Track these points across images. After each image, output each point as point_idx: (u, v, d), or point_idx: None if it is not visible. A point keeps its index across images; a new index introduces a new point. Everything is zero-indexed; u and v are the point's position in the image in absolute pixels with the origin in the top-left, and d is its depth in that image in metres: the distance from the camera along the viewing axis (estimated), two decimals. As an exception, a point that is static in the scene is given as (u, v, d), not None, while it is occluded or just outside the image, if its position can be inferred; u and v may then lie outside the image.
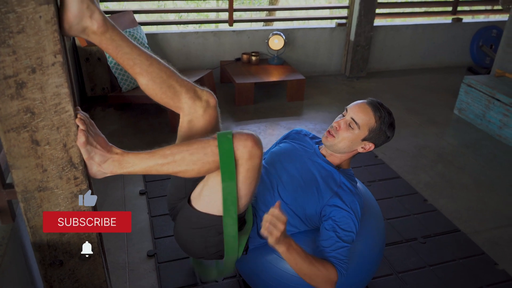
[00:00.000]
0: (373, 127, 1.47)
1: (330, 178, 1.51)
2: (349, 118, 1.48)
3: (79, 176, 1.26)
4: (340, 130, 1.49)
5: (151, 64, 1.29)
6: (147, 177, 2.53)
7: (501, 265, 1.99)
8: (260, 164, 1.27)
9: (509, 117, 3.08)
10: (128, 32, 3.24)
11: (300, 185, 1.51)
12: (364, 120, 1.47)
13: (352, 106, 1.51)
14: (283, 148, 1.66)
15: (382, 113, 1.47)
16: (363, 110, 1.48)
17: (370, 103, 1.49)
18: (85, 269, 1.43)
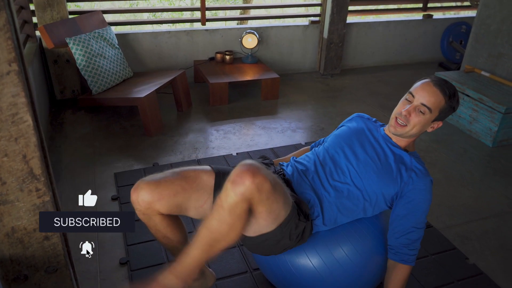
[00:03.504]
0: (443, 107, 1.46)
1: (402, 162, 1.51)
2: (419, 104, 1.45)
3: (41, 187, 1.22)
4: (411, 117, 1.46)
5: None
6: (119, 182, 2.48)
7: (472, 260, 2.03)
8: (272, 184, 1.24)
9: (478, 112, 3.15)
10: (97, 32, 3.17)
11: (374, 169, 1.51)
12: (435, 103, 1.44)
13: (419, 90, 1.47)
14: (350, 130, 1.64)
15: (450, 91, 1.45)
16: (432, 93, 1.44)
17: (437, 84, 1.45)
18: (51, 283, 1.39)
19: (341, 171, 1.54)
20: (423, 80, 1.49)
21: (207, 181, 1.46)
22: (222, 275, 1.87)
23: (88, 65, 3.02)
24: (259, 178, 1.19)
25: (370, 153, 1.54)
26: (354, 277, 1.54)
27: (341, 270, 1.53)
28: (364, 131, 1.62)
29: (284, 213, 1.36)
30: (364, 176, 1.51)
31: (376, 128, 1.63)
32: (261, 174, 1.20)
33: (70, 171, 2.58)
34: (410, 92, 1.49)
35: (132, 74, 3.42)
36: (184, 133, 3.10)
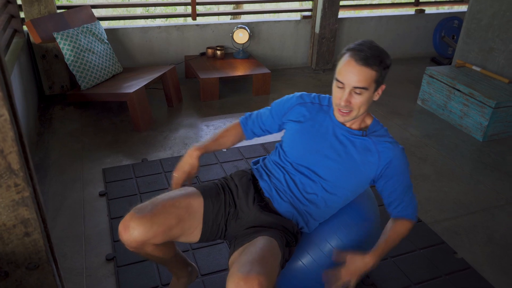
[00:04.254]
0: (377, 76, 1.33)
1: (365, 149, 1.44)
2: (351, 88, 1.32)
3: (20, 183, 1.20)
4: (352, 102, 1.35)
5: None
6: (108, 178, 2.46)
7: (460, 254, 2.03)
8: (268, 275, 1.17)
9: (468, 106, 3.15)
10: (85, 27, 3.13)
11: (341, 173, 1.45)
12: (367, 80, 1.31)
13: (344, 74, 1.33)
14: (302, 135, 1.51)
15: (377, 59, 1.32)
16: (359, 73, 1.31)
17: (360, 59, 1.30)
18: (33, 279, 1.37)
19: (312, 182, 1.47)
20: (344, 59, 1.34)
21: (198, 207, 1.42)
22: (209, 270, 1.86)
23: (77, 60, 2.99)
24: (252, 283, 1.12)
25: (332, 156, 1.46)
26: None
27: (331, 264, 1.52)
28: (315, 128, 1.49)
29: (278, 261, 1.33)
30: (333, 182, 1.46)
31: (325, 113, 1.51)
32: (257, 283, 1.12)
33: (58, 167, 2.56)
34: (337, 79, 1.35)
35: (121, 69, 3.39)
36: (174, 129, 3.08)
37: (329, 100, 1.53)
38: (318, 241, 1.53)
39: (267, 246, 1.30)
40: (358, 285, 1.82)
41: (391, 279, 1.87)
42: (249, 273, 1.13)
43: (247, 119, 1.65)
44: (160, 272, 1.83)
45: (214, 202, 1.46)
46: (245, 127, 1.64)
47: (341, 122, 1.45)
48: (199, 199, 1.44)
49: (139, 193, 2.34)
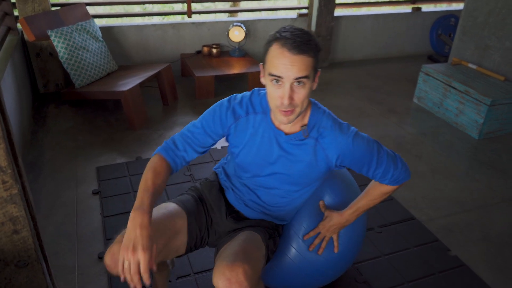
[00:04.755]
0: (314, 62, 1.19)
1: (312, 152, 1.33)
2: (292, 81, 1.16)
3: (8, 180, 1.19)
4: (295, 99, 1.19)
5: None
6: (101, 176, 2.45)
7: (454, 251, 2.03)
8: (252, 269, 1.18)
9: (464, 104, 3.14)
10: (80, 25, 3.12)
11: (299, 179, 1.39)
12: (306, 68, 1.17)
13: (280, 67, 1.16)
14: (249, 159, 1.39)
15: (311, 44, 1.17)
16: (297, 61, 1.15)
17: (294, 47, 1.14)
18: (23, 277, 1.36)
19: (272, 195, 1.44)
20: (274, 50, 1.17)
21: (182, 226, 1.38)
22: (202, 268, 1.85)
23: (71, 58, 2.98)
24: (245, 278, 1.14)
25: (283, 170, 1.36)
26: (330, 258, 1.55)
27: (316, 255, 1.54)
28: (259, 143, 1.35)
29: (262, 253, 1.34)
30: (293, 188, 1.42)
31: (263, 122, 1.34)
32: (242, 272, 1.14)
33: (52, 166, 2.55)
34: (272, 74, 1.17)
35: (116, 67, 3.38)
36: (169, 127, 3.07)
37: (262, 102, 1.35)
38: (300, 233, 1.54)
39: (249, 239, 1.33)
40: (351, 283, 1.82)
41: (384, 276, 1.86)
42: (233, 262, 1.16)
43: (173, 150, 1.35)
44: (153, 270, 1.82)
45: (197, 217, 1.43)
46: (174, 159, 1.35)
47: (279, 128, 1.32)
48: (183, 217, 1.39)
49: (133, 191, 2.33)
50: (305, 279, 1.57)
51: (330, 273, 1.59)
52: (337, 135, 1.31)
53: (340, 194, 1.57)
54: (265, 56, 1.22)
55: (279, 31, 1.20)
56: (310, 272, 1.55)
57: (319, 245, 1.52)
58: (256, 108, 1.35)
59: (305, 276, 1.56)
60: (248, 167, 1.40)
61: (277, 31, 1.21)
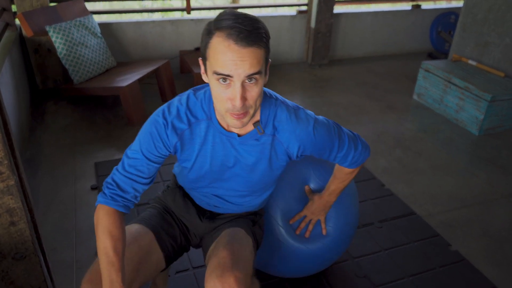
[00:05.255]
0: (266, 52, 1.03)
1: (270, 146, 1.20)
2: (243, 78, 0.99)
3: (5, 171, 1.18)
4: (248, 99, 1.02)
5: None
6: (100, 172, 2.43)
7: (454, 246, 2.02)
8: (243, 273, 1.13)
9: (464, 100, 3.13)
10: (78, 21, 3.10)
11: (262, 179, 1.28)
12: (259, 62, 0.99)
13: (229, 64, 0.97)
14: (202, 174, 1.25)
15: (260, 32, 0.99)
16: (248, 56, 0.97)
17: (243, 39, 0.96)
18: (20, 270, 1.35)
19: (238, 197, 1.34)
20: (219, 44, 0.97)
21: (151, 244, 1.30)
22: (201, 263, 1.84)
23: (69, 54, 2.96)
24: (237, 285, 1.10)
25: (243, 174, 1.25)
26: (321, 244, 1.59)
27: (304, 241, 1.58)
28: (209, 154, 1.20)
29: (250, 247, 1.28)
30: (256, 188, 1.31)
31: (209, 128, 1.17)
32: (234, 280, 1.09)
33: (50, 162, 2.53)
34: (220, 73, 0.99)
35: (115, 63, 3.37)
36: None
37: (203, 107, 1.17)
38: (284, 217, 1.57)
39: (233, 238, 1.25)
40: (351, 277, 1.81)
41: (385, 271, 1.85)
42: (223, 272, 1.10)
43: (121, 196, 1.18)
44: (151, 265, 1.81)
45: (167, 230, 1.36)
46: (125, 205, 1.19)
47: (230, 130, 1.16)
48: (149, 236, 1.30)
49: (132, 186, 2.31)
50: (298, 265, 1.58)
51: (324, 258, 1.62)
52: (295, 127, 1.18)
53: (324, 179, 1.58)
54: (206, 50, 1.01)
55: (219, 19, 1.00)
56: (302, 258, 1.58)
57: (305, 229, 1.56)
58: (198, 116, 1.16)
59: (298, 262, 1.58)
60: (205, 176, 1.26)
61: (216, 18, 1.01)
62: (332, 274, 1.82)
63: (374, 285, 1.78)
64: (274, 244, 1.56)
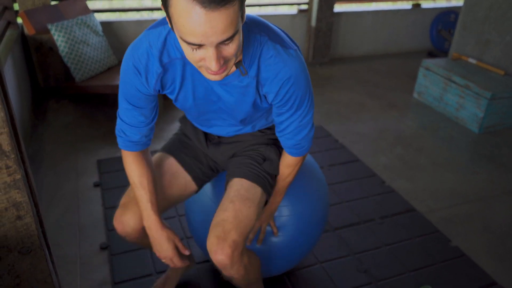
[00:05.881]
0: (240, 6, 0.85)
1: (253, 87, 1.12)
2: (215, 45, 0.86)
3: (12, 165, 1.19)
4: (225, 55, 0.90)
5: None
6: (102, 169, 2.45)
7: (454, 242, 2.03)
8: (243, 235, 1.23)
9: (464, 98, 3.15)
10: (80, 19, 3.12)
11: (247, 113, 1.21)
12: (233, 22, 0.83)
13: (198, 32, 0.82)
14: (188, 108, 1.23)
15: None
16: (219, 19, 0.81)
17: (213, 1, 0.78)
18: (26, 264, 1.36)
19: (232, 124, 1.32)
20: (182, 5, 0.80)
21: (174, 166, 1.41)
22: (204, 258, 1.85)
23: (71, 52, 2.98)
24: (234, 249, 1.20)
25: (225, 115, 1.24)
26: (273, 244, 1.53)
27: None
28: (192, 91, 1.14)
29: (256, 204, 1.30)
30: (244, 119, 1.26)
31: (188, 67, 1.09)
32: (230, 246, 1.20)
33: (52, 159, 2.55)
34: (189, 42, 0.85)
35: (117, 62, 3.38)
36: (169, 121, 3.07)
37: (176, 44, 1.05)
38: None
39: (240, 194, 1.28)
40: (352, 272, 1.83)
41: (386, 266, 1.86)
42: (223, 234, 1.20)
43: (131, 141, 1.24)
44: (154, 260, 1.83)
45: (186, 152, 1.44)
46: (144, 144, 1.27)
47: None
48: (169, 160, 1.41)
49: (134, 183, 2.33)
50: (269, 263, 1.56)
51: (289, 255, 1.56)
52: (280, 68, 1.06)
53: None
54: (167, 4, 0.83)
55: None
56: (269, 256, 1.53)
57: (256, 238, 1.49)
58: (171, 54, 1.07)
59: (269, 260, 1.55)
60: (191, 109, 1.23)
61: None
62: (334, 269, 1.83)
63: (375, 280, 1.79)
64: None
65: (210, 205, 1.51)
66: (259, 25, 1.07)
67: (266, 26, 1.08)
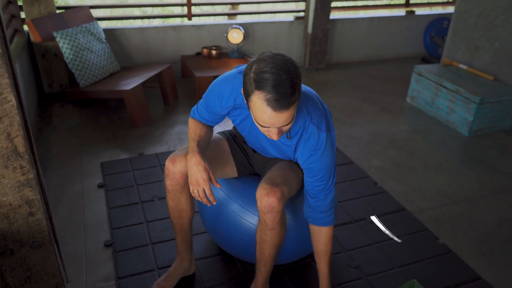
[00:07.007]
0: (297, 102, 1.22)
1: (292, 152, 1.51)
2: (279, 127, 1.25)
3: (26, 165, 1.29)
4: (284, 131, 1.29)
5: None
6: (106, 171, 2.55)
7: (442, 240, 2.14)
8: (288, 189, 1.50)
9: (455, 103, 3.26)
10: (84, 27, 3.23)
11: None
12: (292, 115, 1.23)
13: (267, 122, 1.22)
14: (245, 134, 1.61)
15: (293, 93, 1.18)
16: (283, 117, 1.20)
17: (281, 106, 1.16)
18: (37, 258, 1.46)
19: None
20: (259, 105, 1.18)
21: (225, 146, 1.70)
22: (202, 255, 1.95)
23: (76, 59, 3.09)
24: (281, 197, 1.44)
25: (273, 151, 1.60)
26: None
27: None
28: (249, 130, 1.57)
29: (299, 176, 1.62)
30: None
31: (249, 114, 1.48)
32: (280, 192, 1.44)
33: (57, 161, 2.65)
34: (260, 124, 1.26)
35: (119, 68, 3.49)
36: (171, 125, 3.18)
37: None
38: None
39: (286, 166, 1.60)
40: (344, 268, 1.92)
41: (375, 262, 1.96)
42: (273, 183, 1.46)
43: (194, 112, 1.64)
44: (156, 256, 1.93)
45: (235, 146, 1.73)
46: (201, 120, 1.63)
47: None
48: (224, 141, 1.71)
49: (136, 184, 2.43)
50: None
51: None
52: (314, 145, 1.43)
53: None
54: (248, 98, 1.22)
55: (260, 77, 1.16)
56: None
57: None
58: (243, 100, 1.43)
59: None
60: (245, 137, 1.63)
61: (257, 67, 1.18)
62: (326, 265, 1.93)
63: (365, 274, 1.89)
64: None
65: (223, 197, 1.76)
66: (308, 102, 1.42)
67: (313, 105, 1.43)
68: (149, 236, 2.05)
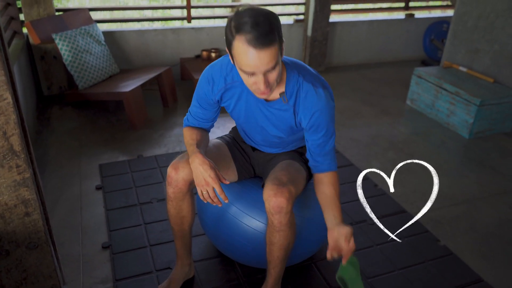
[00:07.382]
0: (279, 45, 1.24)
1: (292, 111, 1.45)
2: (263, 72, 1.24)
3: (22, 164, 1.28)
4: (270, 81, 1.28)
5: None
6: (104, 173, 2.54)
7: (443, 241, 2.12)
8: (295, 188, 1.48)
9: (455, 105, 3.25)
10: (83, 29, 3.23)
11: (287, 131, 1.54)
12: (275, 57, 1.23)
13: (251, 65, 1.22)
14: (240, 120, 1.57)
15: (273, 32, 1.20)
16: (265, 56, 1.21)
17: (260, 43, 1.18)
18: (33, 259, 1.44)
19: (273, 141, 1.64)
20: (241, 48, 1.20)
21: (226, 151, 1.69)
22: (201, 257, 1.93)
23: (74, 61, 3.08)
24: (289, 197, 1.42)
25: (271, 127, 1.53)
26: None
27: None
28: (245, 107, 1.50)
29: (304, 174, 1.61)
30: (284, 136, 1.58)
31: (245, 89, 1.46)
32: (288, 192, 1.42)
33: (56, 163, 2.64)
34: (245, 71, 1.26)
35: (118, 70, 3.48)
36: (170, 127, 3.16)
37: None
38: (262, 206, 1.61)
39: (290, 165, 1.58)
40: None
41: (376, 264, 1.95)
42: (280, 184, 1.43)
43: (192, 124, 1.62)
44: (154, 258, 1.91)
45: (234, 149, 1.72)
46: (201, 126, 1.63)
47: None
48: (224, 146, 1.71)
49: (135, 186, 2.41)
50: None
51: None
52: (315, 102, 1.41)
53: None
54: (230, 47, 1.25)
55: (240, 21, 1.19)
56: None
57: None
58: (234, 78, 1.46)
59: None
60: (241, 124, 1.61)
61: (236, 16, 1.21)
62: (326, 267, 1.91)
63: (366, 277, 1.87)
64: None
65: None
66: (298, 67, 1.44)
67: (304, 68, 1.44)
68: (147, 238, 2.03)
